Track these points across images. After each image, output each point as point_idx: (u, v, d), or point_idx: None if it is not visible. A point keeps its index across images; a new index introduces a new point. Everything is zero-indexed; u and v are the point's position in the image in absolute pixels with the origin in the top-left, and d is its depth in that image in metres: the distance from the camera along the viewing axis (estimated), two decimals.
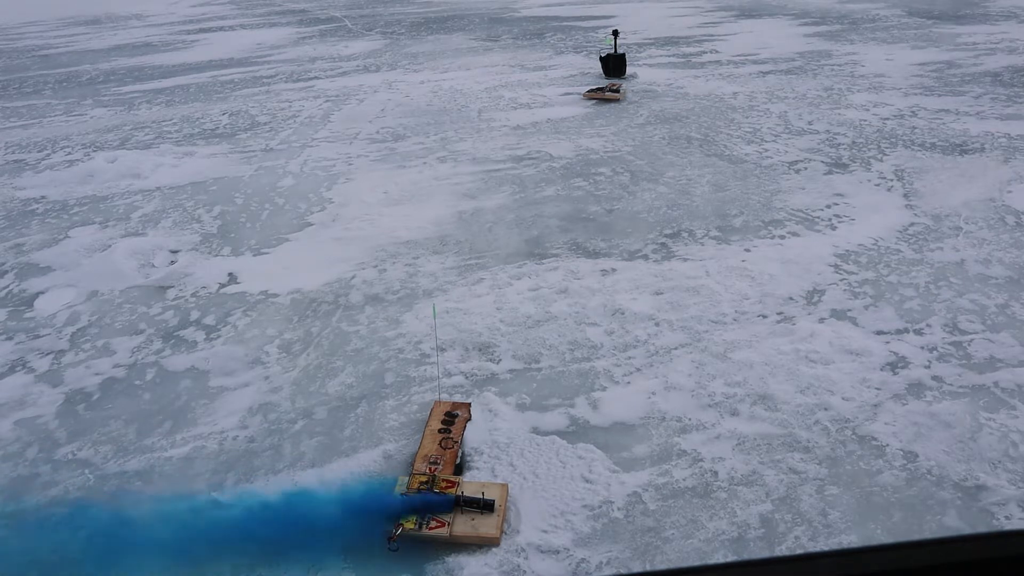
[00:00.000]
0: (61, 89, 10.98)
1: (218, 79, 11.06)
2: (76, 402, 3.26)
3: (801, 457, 2.66)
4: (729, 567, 0.58)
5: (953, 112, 7.33)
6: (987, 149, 6.17)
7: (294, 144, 7.25)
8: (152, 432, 3.02)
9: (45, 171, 6.77)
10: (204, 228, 5.21)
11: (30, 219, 5.57)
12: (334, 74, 11.00)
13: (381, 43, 13.89)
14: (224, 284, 4.33)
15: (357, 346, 3.58)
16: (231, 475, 2.74)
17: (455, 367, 3.34)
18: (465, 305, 3.88)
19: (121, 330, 3.85)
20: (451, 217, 5.11)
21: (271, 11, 20.20)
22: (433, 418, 2.87)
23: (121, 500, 2.62)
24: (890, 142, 6.45)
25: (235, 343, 3.66)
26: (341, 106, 8.82)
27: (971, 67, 9.43)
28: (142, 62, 13.05)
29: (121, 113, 9.14)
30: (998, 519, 2.36)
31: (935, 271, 4.02)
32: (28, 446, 2.97)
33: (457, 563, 2.26)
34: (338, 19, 18.02)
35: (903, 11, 14.65)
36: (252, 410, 3.12)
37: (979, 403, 2.93)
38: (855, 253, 4.22)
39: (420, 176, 6.07)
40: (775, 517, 2.38)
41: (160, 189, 6.07)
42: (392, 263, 4.48)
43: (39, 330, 3.90)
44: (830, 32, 12.68)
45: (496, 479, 2.59)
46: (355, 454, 2.81)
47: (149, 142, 7.61)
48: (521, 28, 15.04)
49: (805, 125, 7.01)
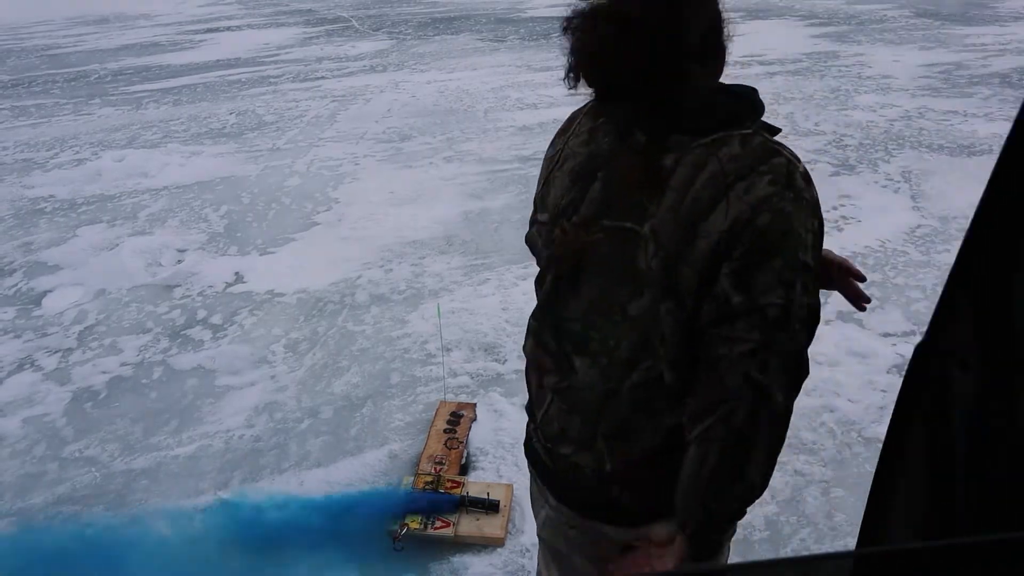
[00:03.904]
0: (69, 88, 11.03)
1: (225, 79, 11.10)
2: (83, 400, 3.28)
3: (807, 459, 2.65)
4: (733, 569, 0.58)
5: (961, 114, 7.30)
6: (995, 151, 6.07)
7: (300, 144, 7.27)
8: (159, 430, 3.03)
9: (53, 170, 6.80)
10: (211, 227, 5.23)
11: (38, 218, 5.60)
12: (341, 74, 11.02)
13: (388, 43, 13.91)
14: (231, 283, 4.35)
15: (363, 346, 3.59)
16: (237, 474, 2.75)
17: (460, 367, 3.34)
18: (471, 305, 3.88)
19: (128, 329, 3.87)
20: (457, 217, 5.11)
21: (278, 11, 20.25)
22: (438, 418, 2.88)
23: (127, 498, 2.64)
24: (897, 143, 6.43)
25: (241, 342, 3.67)
26: (348, 106, 8.84)
27: (979, 68, 9.39)
28: (150, 62, 13.09)
29: (129, 112, 9.18)
30: None
31: (942, 273, 4.00)
32: (36, 444, 2.99)
33: (462, 563, 2.26)
34: (345, 19, 18.05)
35: (911, 12, 14.59)
36: (258, 409, 3.13)
37: None
38: (862, 255, 4.21)
39: (426, 176, 6.08)
40: (780, 519, 2.38)
41: (167, 188, 6.09)
42: (398, 263, 4.48)
43: (47, 328, 3.92)
44: (837, 33, 12.64)
45: (501, 479, 2.59)
46: (361, 454, 2.81)
47: (156, 141, 7.64)
48: (528, 28, 15.04)
49: (812, 126, 6.99)
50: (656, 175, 1.00)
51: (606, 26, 1.01)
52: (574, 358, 1.13)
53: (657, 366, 1.05)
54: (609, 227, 1.06)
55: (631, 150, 1.04)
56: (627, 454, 1.12)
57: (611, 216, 1.06)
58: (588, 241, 1.07)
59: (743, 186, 0.96)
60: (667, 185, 0.99)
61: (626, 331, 1.06)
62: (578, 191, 1.09)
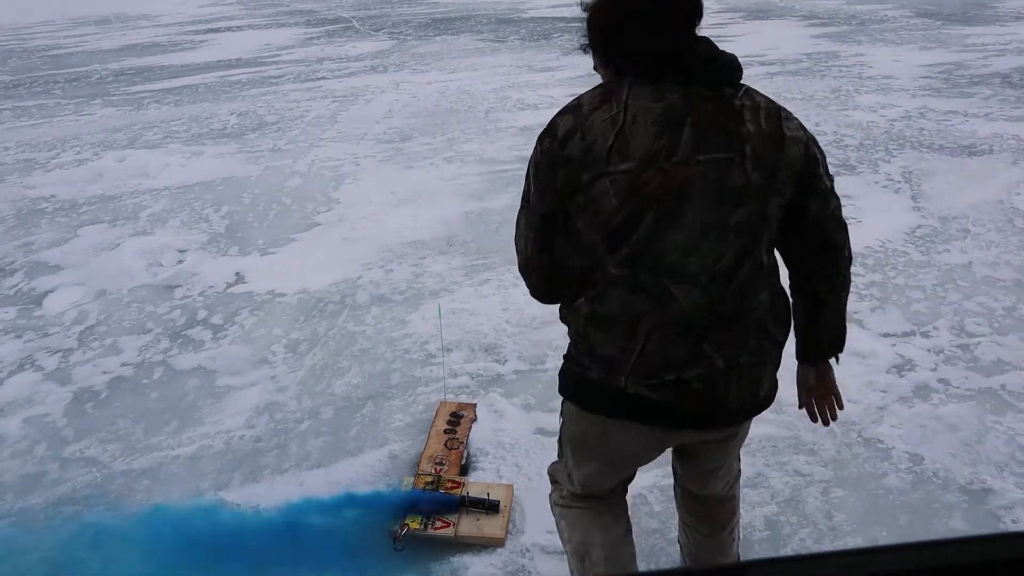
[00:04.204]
0: (71, 88, 11.03)
1: (226, 79, 11.10)
2: (84, 400, 3.28)
3: (807, 459, 2.65)
4: (734, 569, 0.58)
5: (961, 114, 7.30)
6: (996, 151, 6.14)
7: (301, 144, 7.28)
8: (159, 431, 3.03)
9: (55, 170, 6.81)
10: (212, 228, 5.23)
11: (40, 218, 5.61)
12: (342, 74, 11.02)
13: (388, 44, 13.91)
14: (231, 284, 4.35)
15: (363, 346, 3.59)
16: (237, 474, 2.75)
17: (461, 368, 3.34)
18: (471, 306, 3.88)
19: (129, 329, 3.87)
20: (458, 217, 5.11)
21: (279, 11, 20.26)
22: (439, 419, 2.88)
23: (128, 498, 2.64)
24: (898, 144, 6.43)
25: (242, 343, 3.67)
26: (348, 106, 8.84)
27: (980, 68, 9.39)
28: (151, 62, 13.10)
29: (130, 113, 9.18)
30: (1004, 522, 2.34)
31: (942, 273, 4.00)
32: (36, 444, 2.99)
33: (462, 563, 2.26)
34: (346, 20, 18.06)
35: (911, 12, 14.59)
36: (259, 409, 3.13)
37: (986, 406, 2.92)
38: (862, 255, 4.21)
39: (427, 176, 6.08)
40: (780, 519, 2.38)
41: (168, 188, 6.10)
42: (399, 263, 4.49)
43: (48, 328, 3.93)
44: (838, 33, 12.64)
45: (501, 480, 2.59)
46: (361, 454, 2.81)
47: (158, 142, 7.64)
48: (528, 29, 15.04)
49: (812, 127, 6.98)
50: (738, 115, 1.35)
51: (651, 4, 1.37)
52: (673, 288, 1.38)
53: (759, 257, 1.41)
54: (704, 160, 1.33)
55: (706, 99, 1.35)
56: (737, 351, 1.44)
57: (704, 151, 1.33)
58: (688, 175, 1.33)
59: (787, 119, 1.42)
60: (744, 119, 1.35)
61: (731, 241, 1.37)
62: (669, 137, 1.33)
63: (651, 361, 1.41)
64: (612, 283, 1.41)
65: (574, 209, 1.42)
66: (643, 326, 1.40)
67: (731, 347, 1.43)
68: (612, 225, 1.37)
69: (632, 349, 1.41)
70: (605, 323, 1.44)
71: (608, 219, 1.37)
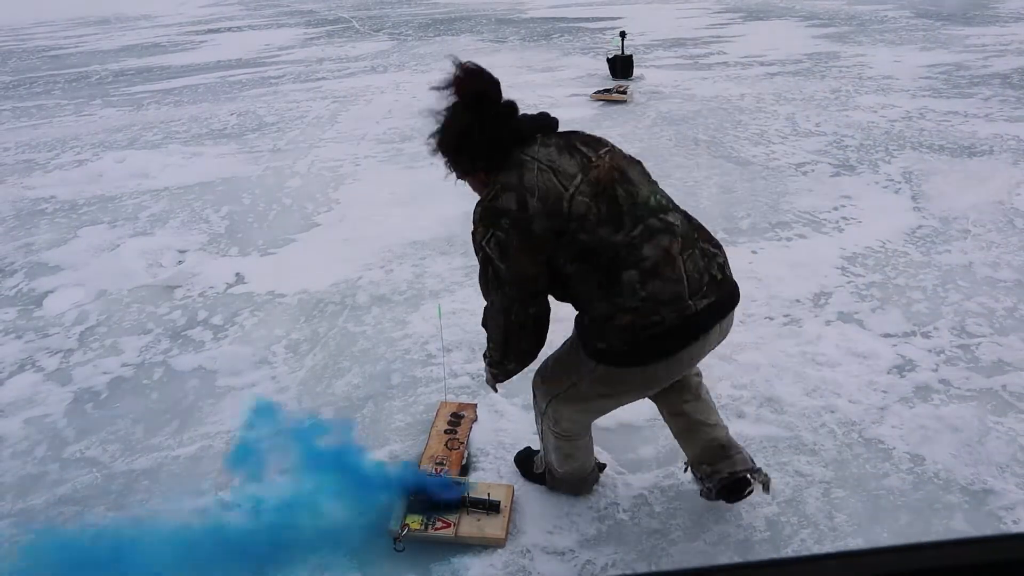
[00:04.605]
0: (71, 89, 11.04)
1: (226, 79, 11.10)
2: (84, 401, 3.28)
3: (807, 460, 2.65)
4: (734, 569, 0.58)
5: (962, 114, 7.30)
6: (996, 151, 6.14)
7: (301, 144, 7.28)
8: (160, 431, 3.03)
9: (55, 171, 6.81)
10: (212, 228, 5.23)
11: (39, 218, 5.61)
12: (342, 75, 11.03)
13: (389, 44, 13.91)
14: (231, 284, 4.35)
15: (364, 347, 3.58)
16: (237, 474, 2.74)
17: (461, 368, 3.34)
18: (471, 306, 3.88)
19: (129, 329, 3.87)
20: (458, 217, 5.11)
21: (279, 12, 20.26)
22: (439, 419, 2.87)
23: (129, 499, 2.64)
24: (898, 144, 6.43)
25: (242, 343, 3.67)
26: (349, 107, 8.85)
27: (980, 69, 9.39)
28: (151, 63, 13.11)
29: (130, 113, 9.19)
30: (1005, 523, 2.34)
31: (943, 274, 4.00)
32: (37, 444, 2.99)
33: (463, 563, 2.26)
34: (346, 20, 18.06)
35: (911, 12, 14.60)
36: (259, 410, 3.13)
37: (987, 407, 2.92)
38: (862, 255, 4.21)
39: (427, 177, 6.07)
40: (781, 520, 2.37)
41: (168, 189, 6.10)
42: (399, 263, 4.48)
43: (48, 329, 3.93)
44: (838, 34, 12.64)
45: (502, 480, 2.59)
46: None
47: (157, 142, 7.64)
48: (528, 29, 15.05)
49: (813, 127, 6.99)
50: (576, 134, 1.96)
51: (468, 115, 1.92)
52: (667, 216, 1.82)
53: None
54: (603, 151, 1.90)
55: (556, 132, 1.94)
56: (707, 250, 1.89)
57: (599, 149, 1.92)
58: (609, 155, 1.87)
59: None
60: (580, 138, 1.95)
61: (653, 182, 1.92)
62: (579, 151, 1.86)
63: (692, 278, 1.79)
64: (641, 243, 1.76)
65: (566, 240, 1.76)
66: (674, 252, 1.78)
67: (704, 246, 1.90)
68: (603, 212, 1.76)
69: (680, 278, 1.77)
70: (657, 268, 1.76)
71: (599, 210, 1.76)
